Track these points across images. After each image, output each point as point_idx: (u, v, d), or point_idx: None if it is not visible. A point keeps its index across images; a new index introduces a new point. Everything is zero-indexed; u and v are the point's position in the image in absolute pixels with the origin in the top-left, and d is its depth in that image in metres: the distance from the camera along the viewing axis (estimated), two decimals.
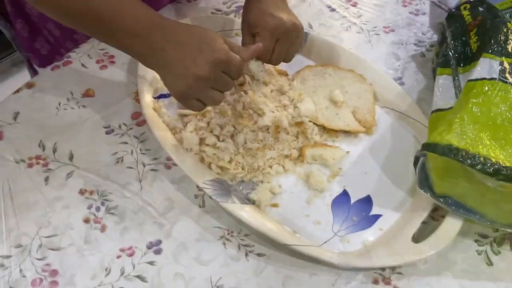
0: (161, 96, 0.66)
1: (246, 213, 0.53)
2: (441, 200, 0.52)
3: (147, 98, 0.64)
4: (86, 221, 0.55)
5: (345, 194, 0.57)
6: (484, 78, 0.53)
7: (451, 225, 0.52)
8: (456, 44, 0.62)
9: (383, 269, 0.51)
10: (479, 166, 0.47)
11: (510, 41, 0.56)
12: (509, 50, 0.55)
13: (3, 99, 0.67)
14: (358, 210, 0.55)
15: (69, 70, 0.70)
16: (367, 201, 0.56)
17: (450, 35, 0.63)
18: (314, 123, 0.62)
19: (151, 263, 0.52)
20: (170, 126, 0.62)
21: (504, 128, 0.50)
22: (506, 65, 0.54)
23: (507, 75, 0.53)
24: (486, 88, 0.53)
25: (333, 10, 0.80)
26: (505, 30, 0.57)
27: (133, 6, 0.51)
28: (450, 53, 0.62)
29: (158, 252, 0.53)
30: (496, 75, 0.53)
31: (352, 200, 0.56)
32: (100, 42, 0.74)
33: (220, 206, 0.54)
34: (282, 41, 0.60)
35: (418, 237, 0.53)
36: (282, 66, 0.66)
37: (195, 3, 0.81)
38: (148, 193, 0.57)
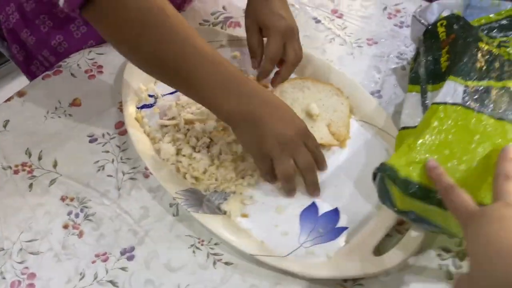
0: (144, 107, 0.69)
1: (215, 223, 0.55)
2: (404, 215, 0.54)
3: (130, 108, 0.67)
4: (65, 227, 0.58)
5: (313, 206, 0.59)
6: (447, 103, 0.53)
7: (413, 238, 0.54)
8: (428, 61, 0.63)
9: (345, 280, 0.53)
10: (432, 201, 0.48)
11: (479, 63, 0.56)
12: (476, 73, 0.55)
13: None
14: (325, 222, 0.57)
15: (59, 79, 0.74)
16: (334, 214, 0.58)
17: (423, 51, 0.64)
18: None
19: (123, 268, 0.54)
20: (150, 136, 0.64)
21: (457, 156, 0.50)
22: (470, 89, 0.54)
23: (470, 100, 0.53)
24: (442, 114, 0.52)
25: (318, 21, 0.82)
26: (474, 50, 0.57)
27: (222, 61, 0.55)
28: (421, 70, 0.63)
29: (130, 258, 0.55)
30: (459, 100, 0.53)
31: (320, 212, 0.58)
32: (90, 51, 0.77)
33: (191, 215, 0.56)
34: (292, 42, 0.64)
35: (382, 250, 0.55)
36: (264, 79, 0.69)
37: (183, 14, 0.83)
38: (126, 201, 0.60)
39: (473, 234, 0.41)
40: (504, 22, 0.62)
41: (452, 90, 0.54)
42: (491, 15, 0.63)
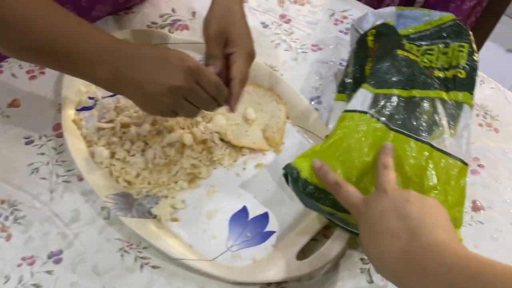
0: (84, 109, 0.68)
1: (143, 227, 0.56)
2: (327, 216, 0.55)
3: (69, 110, 0.66)
4: None
5: (244, 210, 0.60)
6: (355, 110, 0.55)
7: (336, 243, 0.55)
8: (355, 70, 0.65)
9: (268, 284, 0.55)
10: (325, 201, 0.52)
11: (393, 70, 0.57)
12: (387, 81, 0.57)
13: None
14: (254, 226, 0.58)
15: None
16: (264, 218, 0.59)
17: (353, 60, 0.66)
18: (222, 140, 0.64)
19: (49, 272, 0.55)
20: (87, 139, 0.64)
21: (358, 166, 0.51)
22: (378, 98, 0.55)
23: (374, 109, 0.54)
24: (348, 123, 0.54)
25: (266, 26, 0.83)
26: (392, 58, 0.59)
27: (89, 32, 0.51)
28: (349, 80, 0.64)
29: (57, 261, 0.55)
30: (366, 108, 0.54)
31: (250, 216, 0.59)
32: None
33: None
34: (248, 67, 0.59)
35: (307, 254, 0.57)
36: None
37: (132, 16, 0.83)
38: (58, 204, 0.60)
39: (361, 222, 0.46)
40: (432, 31, 0.64)
41: (362, 98, 0.56)
42: (421, 24, 0.65)
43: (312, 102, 0.72)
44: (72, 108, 0.67)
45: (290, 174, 0.53)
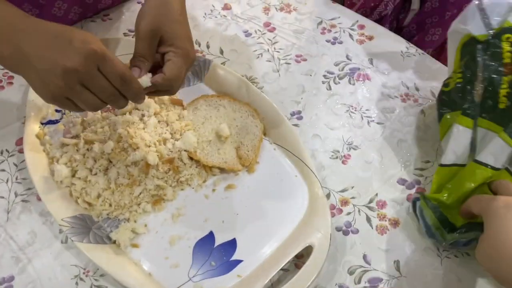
0: (50, 122, 0.65)
1: (99, 254, 0.52)
2: (454, 245, 0.54)
3: (33, 124, 0.63)
4: None
5: (210, 236, 0.56)
6: (488, 165, 0.52)
7: (307, 274, 0.51)
8: (484, 88, 0.54)
9: None
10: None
11: None
12: None
13: None
14: (220, 254, 0.54)
15: None
16: (231, 245, 0.55)
17: (483, 74, 0.54)
18: (191, 158, 0.60)
19: None
20: (50, 155, 0.61)
21: None
22: None
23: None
24: (479, 178, 0.52)
25: (249, 35, 0.79)
26: None
27: None
28: (475, 100, 0.55)
29: None
30: (500, 165, 0.51)
31: (216, 243, 0.55)
32: None
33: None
34: (186, 72, 0.54)
35: (276, 286, 0.52)
36: (180, 95, 0.66)
37: (110, 22, 0.80)
38: (13, 225, 0.57)
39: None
40: None
41: (498, 150, 0.51)
42: None
43: (293, 117, 0.67)
44: (37, 122, 0.64)
45: (427, 203, 0.54)
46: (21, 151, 0.63)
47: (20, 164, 0.62)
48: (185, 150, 0.60)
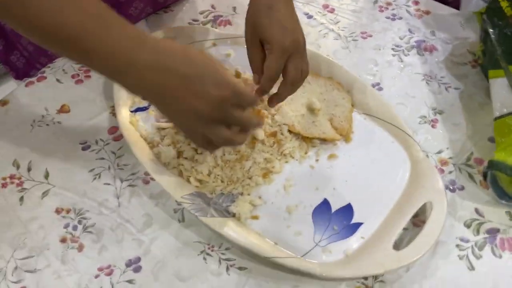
0: (138, 110, 0.65)
1: (225, 226, 0.52)
2: None
3: (124, 112, 0.63)
4: (63, 240, 0.54)
5: (325, 203, 0.56)
6: None
7: (432, 230, 0.52)
8: (501, 41, 0.63)
9: (365, 278, 0.51)
10: None
11: None
12: None
13: None
14: (339, 219, 0.55)
15: (43, 86, 0.69)
16: (348, 210, 0.56)
17: (493, 30, 0.64)
18: (291, 131, 0.61)
19: (130, 281, 0.51)
20: (148, 140, 0.61)
21: None
22: None
23: None
24: None
25: (310, 17, 0.80)
26: None
27: (115, 23, 0.44)
28: (498, 52, 0.62)
29: (137, 270, 0.52)
30: None
31: (333, 209, 0.56)
32: None
33: (199, 220, 0.53)
34: (294, 60, 0.54)
35: (399, 244, 0.53)
36: None
37: (172, 14, 0.80)
38: (126, 209, 0.56)
39: None
40: None
41: None
42: None
43: (374, 88, 0.69)
44: (126, 110, 0.64)
45: (498, 169, 0.54)
46: (116, 139, 0.63)
47: (117, 151, 0.62)
48: (284, 124, 0.61)
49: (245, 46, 0.58)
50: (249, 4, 0.56)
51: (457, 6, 0.99)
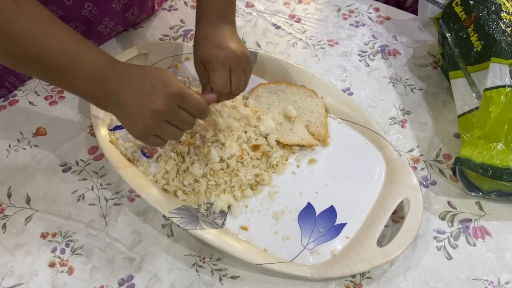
0: (117, 128, 0.65)
1: (215, 237, 0.53)
2: (492, 195, 0.59)
3: (103, 131, 0.63)
4: (52, 265, 0.53)
5: (309, 207, 0.59)
6: (499, 86, 0.58)
7: (411, 225, 0.55)
8: (458, 43, 0.67)
9: (353, 276, 0.54)
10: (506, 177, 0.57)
11: (510, 37, 0.60)
12: None
13: None
14: (324, 221, 0.57)
15: (16, 109, 0.68)
16: (331, 212, 0.58)
17: (450, 34, 0.68)
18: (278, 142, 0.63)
19: None
20: (127, 156, 0.61)
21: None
22: None
23: None
24: (498, 99, 0.58)
25: (278, 27, 0.83)
26: (503, 26, 0.62)
27: (89, 51, 0.51)
28: (455, 54, 0.66)
29: (131, 287, 0.52)
30: (508, 81, 0.58)
31: (317, 212, 0.58)
32: None
33: (189, 233, 0.54)
34: (235, 70, 0.59)
35: (381, 241, 0.56)
36: None
37: (142, 30, 0.81)
38: (114, 228, 0.56)
39: None
40: None
41: (498, 72, 0.59)
42: None
43: (345, 93, 0.72)
44: (105, 129, 0.64)
45: (464, 165, 0.58)
46: (96, 159, 0.63)
47: (99, 171, 0.62)
48: (270, 134, 0.63)
49: None
50: (194, 38, 0.62)
51: (414, 12, 1.05)
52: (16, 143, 0.64)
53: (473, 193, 0.60)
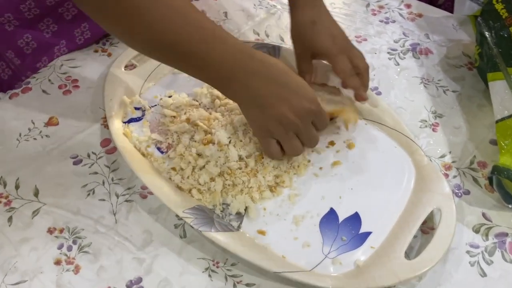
0: (132, 120, 0.62)
1: (231, 241, 0.50)
2: None
3: (117, 123, 0.60)
4: (57, 263, 0.50)
5: (332, 213, 0.55)
6: None
7: (443, 237, 0.51)
8: (498, 43, 0.63)
9: None
10: None
11: None
12: None
13: None
14: (347, 229, 0.53)
15: (29, 97, 0.66)
16: (355, 219, 0.54)
17: (489, 33, 0.64)
18: None
19: None
20: (141, 151, 0.58)
21: None
22: None
23: None
24: None
25: None
26: None
27: (226, 39, 0.50)
28: (495, 54, 0.62)
29: None
30: None
31: (340, 219, 0.54)
32: (61, 65, 0.69)
33: (202, 235, 0.51)
34: (353, 54, 0.60)
35: (409, 252, 0.52)
36: None
37: None
38: (124, 226, 0.53)
39: None
40: None
41: None
42: None
43: (373, 92, 0.68)
44: (119, 121, 0.61)
45: (503, 175, 0.54)
46: (109, 152, 0.60)
47: (111, 165, 0.59)
48: None
49: None
50: (292, 22, 0.62)
51: (447, 9, 1.00)
52: (27, 132, 0.62)
53: (510, 206, 0.56)
